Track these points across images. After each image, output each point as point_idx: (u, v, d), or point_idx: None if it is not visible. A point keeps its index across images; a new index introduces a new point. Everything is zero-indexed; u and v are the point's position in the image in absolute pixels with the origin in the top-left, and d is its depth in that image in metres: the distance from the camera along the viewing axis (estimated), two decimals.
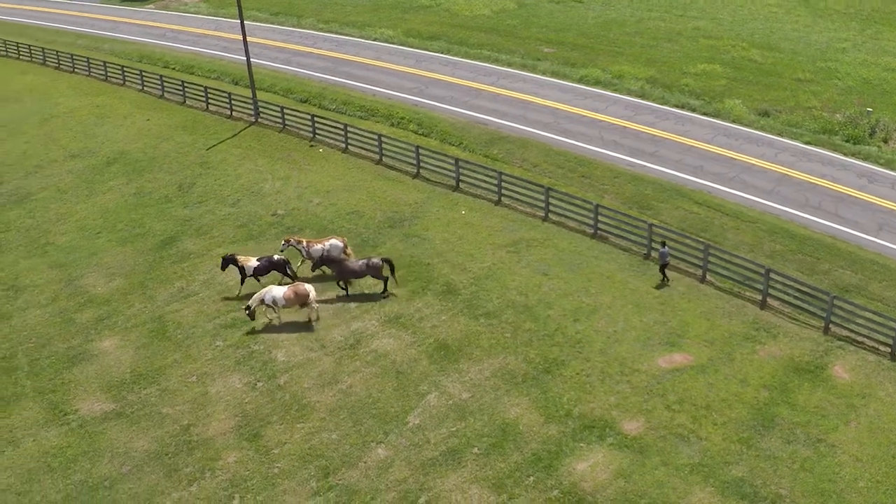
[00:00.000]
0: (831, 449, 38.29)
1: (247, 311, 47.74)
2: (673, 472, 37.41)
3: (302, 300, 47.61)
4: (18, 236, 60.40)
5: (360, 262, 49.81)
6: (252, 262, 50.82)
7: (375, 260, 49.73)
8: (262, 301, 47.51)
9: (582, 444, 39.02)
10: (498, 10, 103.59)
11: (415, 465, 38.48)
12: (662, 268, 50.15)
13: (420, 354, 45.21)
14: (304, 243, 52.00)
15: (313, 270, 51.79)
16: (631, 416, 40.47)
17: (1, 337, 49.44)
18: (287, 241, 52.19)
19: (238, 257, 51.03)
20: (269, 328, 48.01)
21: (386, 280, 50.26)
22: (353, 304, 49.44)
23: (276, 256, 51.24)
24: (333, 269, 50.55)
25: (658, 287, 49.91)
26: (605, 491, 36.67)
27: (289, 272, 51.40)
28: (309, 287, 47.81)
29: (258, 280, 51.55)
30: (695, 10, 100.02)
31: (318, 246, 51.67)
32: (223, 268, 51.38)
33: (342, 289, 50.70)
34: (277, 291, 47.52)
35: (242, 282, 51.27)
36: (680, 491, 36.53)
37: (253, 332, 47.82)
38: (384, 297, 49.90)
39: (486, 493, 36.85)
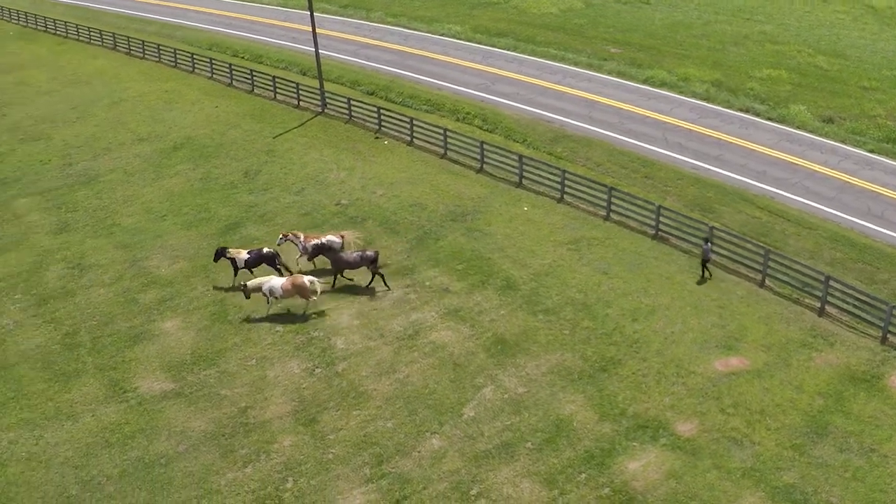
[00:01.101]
0: (884, 459, 38.09)
1: (242, 288, 48.68)
2: (724, 475, 37.43)
3: (300, 291, 48.05)
4: (86, 216, 61.45)
5: (356, 255, 50.24)
6: (242, 255, 51.37)
7: (370, 252, 50.14)
8: (259, 288, 48.11)
9: (635, 444, 39.14)
10: (565, 9, 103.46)
11: (468, 456, 38.78)
12: (704, 263, 50.25)
13: (477, 348, 45.51)
14: (302, 238, 52.37)
15: (309, 260, 52.34)
16: (685, 417, 40.52)
17: (65, 314, 50.42)
18: (284, 236, 52.68)
19: (229, 250, 51.67)
20: (330, 316, 48.53)
21: (379, 273, 50.66)
22: (413, 296, 49.85)
23: (265, 249, 51.64)
24: (329, 259, 51.15)
25: (700, 283, 50.00)
26: (655, 491, 36.77)
27: (278, 265, 51.85)
28: (308, 279, 48.19)
29: (251, 272, 52.08)
30: (762, 14, 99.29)
31: (315, 241, 51.95)
32: (216, 259, 52.02)
33: (344, 277, 51.50)
34: (276, 282, 48.02)
35: (235, 273, 51.99)
36: (731, 494, 36.53)
37: (313, 319, 48.36)
38: (385, 290, 50.52)
39: (537, 488, 37.08)
